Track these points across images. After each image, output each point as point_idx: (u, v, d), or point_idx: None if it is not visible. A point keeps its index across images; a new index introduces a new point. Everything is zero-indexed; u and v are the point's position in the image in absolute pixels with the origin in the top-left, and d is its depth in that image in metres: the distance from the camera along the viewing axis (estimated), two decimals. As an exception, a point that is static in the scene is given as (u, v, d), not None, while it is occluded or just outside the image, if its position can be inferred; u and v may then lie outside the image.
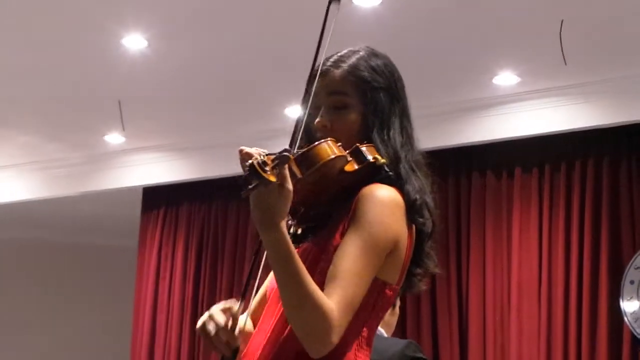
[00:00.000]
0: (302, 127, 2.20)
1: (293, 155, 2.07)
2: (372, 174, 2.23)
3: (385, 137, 2.30)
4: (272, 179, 1.95)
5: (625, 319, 6.07)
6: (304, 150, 2.14)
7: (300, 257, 2.08)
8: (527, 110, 6.45)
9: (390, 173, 2.24)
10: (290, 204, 2.06)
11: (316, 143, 2.16)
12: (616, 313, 6.10)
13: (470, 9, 5.29)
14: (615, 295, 6.12)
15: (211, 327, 2.15)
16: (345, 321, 2.08)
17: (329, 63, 2.34)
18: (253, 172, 1.93)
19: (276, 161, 1.97)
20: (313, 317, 2.03)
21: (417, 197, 2.25)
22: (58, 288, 10.33)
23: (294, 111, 6.61)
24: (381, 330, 4.12)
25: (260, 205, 2.01)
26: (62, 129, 7.62)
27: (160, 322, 8.03)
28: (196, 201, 8.12)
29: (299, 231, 2.30)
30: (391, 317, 4.25)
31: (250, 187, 1.95)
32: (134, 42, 5.77)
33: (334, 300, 2.05)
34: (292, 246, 2.04)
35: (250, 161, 1.95)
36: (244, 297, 2.20)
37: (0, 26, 5.65)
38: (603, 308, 6.12)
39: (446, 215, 6.81)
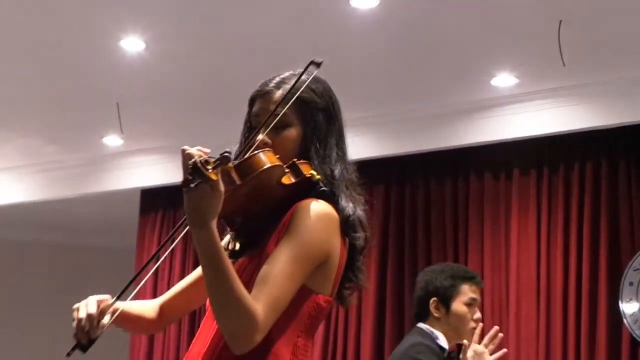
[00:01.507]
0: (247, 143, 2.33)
1: (232, 163, 2.17)
2: (308, 189, 2.30)
3: (322, 154, 2.39)
4: (214, 177, 2.02)
5: (625, 320, 6.07)
6: (243, 158, 2.23)
7: (237, 271, 2.15)
8: (525, 112, 6.45)
9: (326, 189, 2.31)
10: (228, 212, 2.19)
11: (255, 152, 2.25)
12: (615, 315, 6.10)
13: (468, 10, 5.29)
14: (614, 297, 6.12)
15: (81, 314, 2.29)
16: (270, 322, 2.14)
17: (271, 84, 2.46)
18: (196, 170, 2.00)
19: (217, 161, 2.04)
20: (237, 315, 2.09)
21: (351, 213, 2.33)
22: (57, 289, 10.32)
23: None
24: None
25: (196, 204, 2.06)
26: (61, 131, 7.62)
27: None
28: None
29: (237, 246, 2.39)
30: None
31: (192, 185, 2.01)
32: (132, 44, 5.77)
33: (260, 302, 2.12)
34: (221, 246, 2.11)
35: (193, 160, 2.02)
36: (119, 296, 2.42)
37: (-2, 28, 5.66)
38: (602, 310, 6.12)
39: (444, 216, 6.81)
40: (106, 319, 2.32)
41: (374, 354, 6.82)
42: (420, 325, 4.12)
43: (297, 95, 2.37)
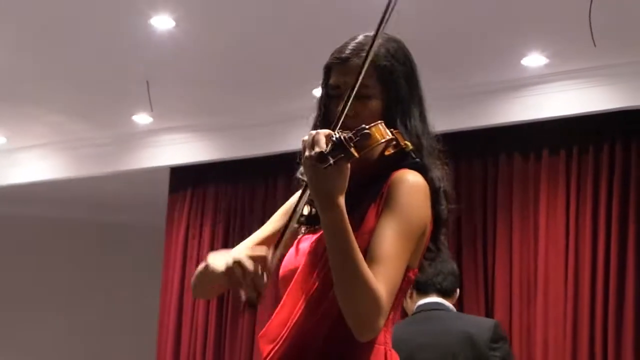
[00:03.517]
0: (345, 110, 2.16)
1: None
2: (400, 159, 2.25)
3: (408, 125, 2.32)
4: (357, 154, 1.98)
5: (653, 301, 6.05)
6: (361, 131, 2.08)
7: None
8: (555, 92, 6.42)
9: (418, 160, 2.26)
10: None
11: (372, 124, 2.14)
12: (643, 295, 6.09)
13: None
14: (642, 279, 6.11)
15: (244, 272, 2.12)
16: (390, 305, 2.11)
17: (348, 51, 2.32)
18: (339, 146, 1.95)
19: (359, 138, 1.99)
20: (364, 299, 2.04)
21: (441, 185, 2.29)
22: (86, 267, 10.41)
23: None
24: (451, 306, 4.23)
25: (330, 183, 2.02)
26: (90, 109, 7.66)
27: (187, 301, 8.07)
28: (223, 181, 8.14)
29: (313, 212, 2.31)
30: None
31: (331, 161, 1.95)
32: (162, 22, 5.78)
33: (381, 284, 2.07)
34: (349, 226, 2.05)
35: (337, 135, 1.96)
36: (278, 244, 2.21)
37: (31, 6, 5.67)
38: (630, 292, 6.09)
39: (472, 196, 6.80)
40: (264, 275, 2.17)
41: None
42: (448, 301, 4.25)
43: (377, 63, 2.27)
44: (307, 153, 2.01)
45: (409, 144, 2.25)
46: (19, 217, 10.13)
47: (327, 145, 1.97)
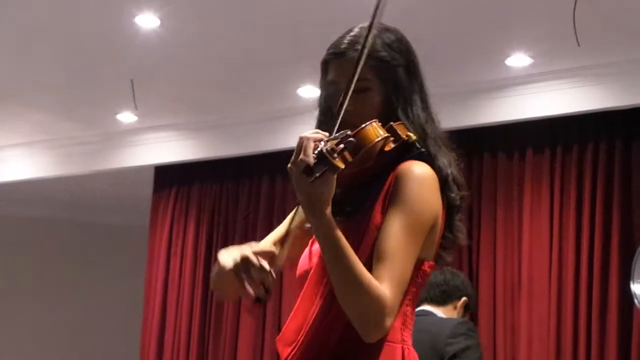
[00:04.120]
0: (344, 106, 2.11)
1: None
2: (405, 151, 2.23)
3: (410, 115, 2.30)
4: (341, 165, 1.94)
5: (636, 301, 6.05)
6: (352, 133, 2.03)
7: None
8: (540, 92, 6.43)
9: (423, 150, 2.24)
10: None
11: (363, 126, 2.13)
12: (626, 295, 6.10)
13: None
14: (626, 278, 6.11)
15: (246, 269, 2.12)
16: (397, 303, 2.09)
17: (343, 45, 2.30)
18: (323, 159, 1.92)
19: (343, 148, 1.95)
20: (366, 303, 2.03)
21: (449, 172, 2.27)
22: (70, 265, 10.39)
23: (307, 91, 6.61)
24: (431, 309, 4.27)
25: (318, 194, 1.99)
26: (75, 108, 7.64)
27: (171, 300, 8.07)
28: (208, 180, 8.14)
29: (339, 211, 2.26)
30: None
31: (317, 174, 1.94)
32: (147, 20, 5.77)
33: (385, 283, 2.06)
34: (338, 231, 2.03)
35: (319, 148, 1.93)
36: (283, 244, 2.23)
37: (15, 5, 5.65)
38: (613, 290, 6.12)
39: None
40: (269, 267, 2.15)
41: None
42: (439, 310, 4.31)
43: (373, 55, 2.24)
44: (293, 159, 1.98)
45: (412, 135, 2.23)
46: (2, 216, 10.10)
47: (313, 155, 1.95)
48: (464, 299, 4.42)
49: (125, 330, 9.65)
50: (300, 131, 2.04)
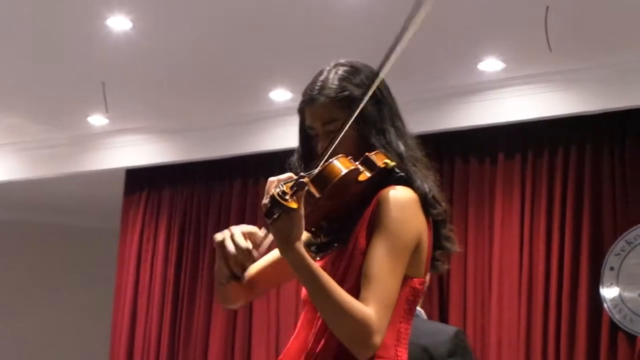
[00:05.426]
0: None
1: (308, 178, 2.17)
2: (385, 177, 2.33)
3: (384, 143, 2.40)
4: (294, 205, 2.08)
5: (605, 305, 6.10)
6: (317, 171, 2.22)
7: (328, 266, 2.25)
8: (511, 97, 6.46)
9: (402, 174, 2.35)
10: (314, 222, 2.27)
11: (327, 162, 2.24)
12: (596, 299, 6.13)
13: (456, -6, 5.29)
14: (595, 281, 6.15)
15: (231, 247, 2.30)
16: (385, 322, 2.19)
17: (314, 92, 2.41)
18: (275, 203, 2.07)
19: (294, 188, 2.08)
20: (351, 324, 2.13)
21: (427, 190, 2.37)
22: (39, 270, 10.32)
23: (279, 95, 6.61)
24: (421, 311, 4.22)
25: (281, 232, 2.12)
26: (45, 110, 7.60)
27: (141, 304, 8.04)
28: (179, 184, 8.11)
29: (324, 241, 2.42)
30: None
31: (275, 216, 2.08)
32: (119, 23, 5.74)
33: (370, 304, 2.16)
34: (312, 262, 2.15)
35: (271, 193, 2.09)
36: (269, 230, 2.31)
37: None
38: (583, 294, 6.15)
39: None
40: (264, 245, 2.34)
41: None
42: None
43: (336, 98, 2.39)
44: (263, 201, 2.12)
45: (388, 161, 2.33)
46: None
47: (269, 198, 2.10)
48: None
49: (94, 336, 9.59)
50: (273, 134, 2.10)
